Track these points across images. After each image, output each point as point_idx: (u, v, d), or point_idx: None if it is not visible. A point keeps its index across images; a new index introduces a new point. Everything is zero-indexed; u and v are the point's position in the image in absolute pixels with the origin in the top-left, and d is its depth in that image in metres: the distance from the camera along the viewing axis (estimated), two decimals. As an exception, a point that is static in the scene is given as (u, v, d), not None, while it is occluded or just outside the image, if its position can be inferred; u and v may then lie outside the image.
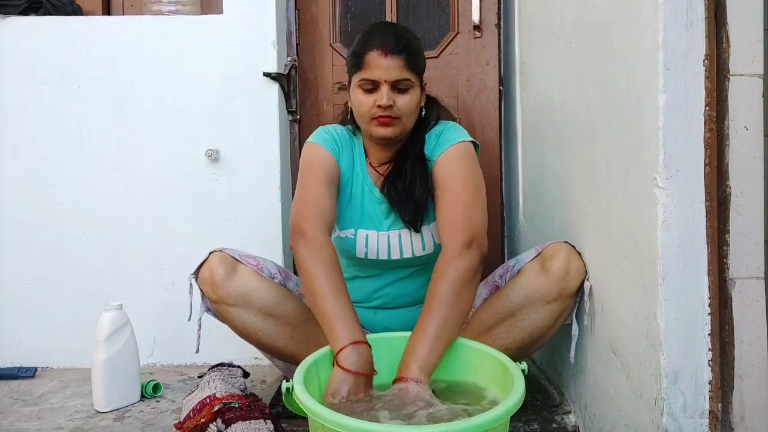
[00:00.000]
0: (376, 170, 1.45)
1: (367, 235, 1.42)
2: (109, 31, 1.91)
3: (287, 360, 1.40)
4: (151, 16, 1.96)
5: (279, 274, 1.45)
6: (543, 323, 1.29)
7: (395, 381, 1.10)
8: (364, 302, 1.48)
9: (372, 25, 1.40)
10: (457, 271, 1.19)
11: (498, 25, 2.11)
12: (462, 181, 1.31)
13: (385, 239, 1.42)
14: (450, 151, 1.36)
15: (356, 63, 1.34)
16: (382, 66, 1.30)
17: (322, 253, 1.22)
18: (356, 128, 1.46)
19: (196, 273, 1.38)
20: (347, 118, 1.46)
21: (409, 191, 1.38)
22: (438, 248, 1.42)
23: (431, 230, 1.42)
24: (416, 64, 1.35)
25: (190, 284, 1.40)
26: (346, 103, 1.45)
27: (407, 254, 1.43)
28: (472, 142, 1.40)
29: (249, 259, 1.39)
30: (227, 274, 1.33)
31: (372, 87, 1.32)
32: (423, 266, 1.47)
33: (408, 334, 1.18)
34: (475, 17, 2.08)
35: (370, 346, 1.13)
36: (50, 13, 1.93)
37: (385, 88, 1.31)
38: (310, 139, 1.43)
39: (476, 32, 2.11)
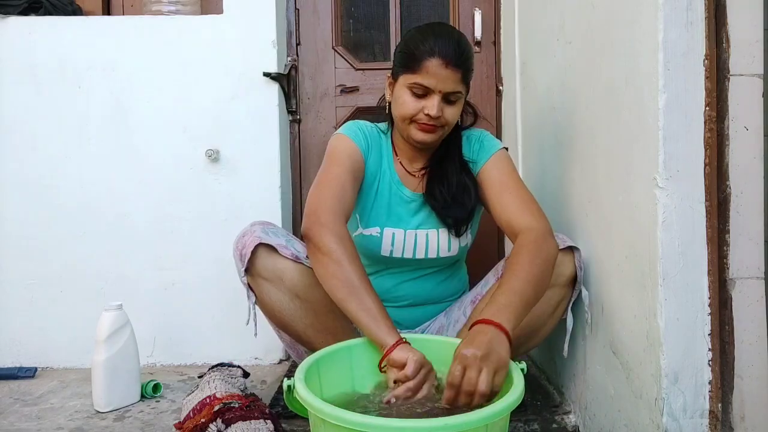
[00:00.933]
0: (407, 170, 1.45)
1: (393, 234, 1.42)
2: (109, 31, 1.91)
3: (303, 345, 1.40)
4: (151, 16, 1.96)
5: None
6: (541, 310, 1.29)
7: (472, 325, 1.06)
8: None
9: (433, 25, 1.35)
10: (547, 252, 1.20)
11: (495, 42, 2.16)
12: (521, 182, 1.38)
13: (412, 238, 1.43)
14: (500, 155, 1.41)
15: (410, 64, 1.30)
16: (440, 76, 1.27)
17: (348, 245, 1.19)
18: (389, 126, 1.47)
19: (239, 242, 1.36)
20: (384, 112, 1.44)
21: (457, 197, 1.39)
22: (462, 251, 1.47)
23: (467, 234, 1.45)
24: (468, 79, 1.35)
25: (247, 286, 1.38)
26: (381, 98, 1.45)
27: (432, 254, 1.43)
28: (505, 147, 1.46)
29: (283, 247, 1.35)
30: (269, 249, 1.32)
31: (423, 93, 1.30)
32: (442, 267, 1.49)
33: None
34: (477, 34, 2.14)
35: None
36: (50, 13, 1.93)
37: (436, 98, 1.29)
38: (339, 131, 1.42)
39: (476, 47, 2.15)
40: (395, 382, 1.06)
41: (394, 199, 1.44)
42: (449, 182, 1.40)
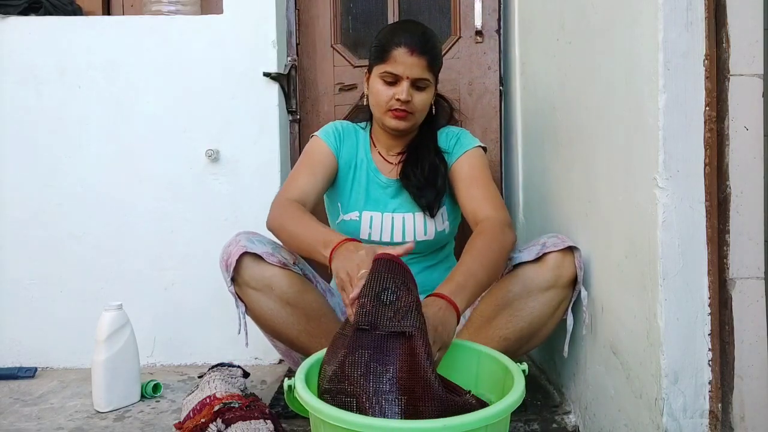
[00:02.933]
0: (384, 159, 1.55)
1: (371, 216, 1.51)
2: (109, 31, 1.91)
3: (298, 351, 1.42)
4: (151, 16, 1.96)
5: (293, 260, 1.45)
6: (542, 311, 1.31)
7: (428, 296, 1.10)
8: None
9: (401, 21, 1.54)
10: (502, 240, 1.26)
11: (498, 31, 2.12)
12: (490, 179, 1.46)
13: (389, 220, 1.50)
14: (475, 152, 1.49)
15: (381, 55, 1.42)
16: (407, 63, 1.39)
17: (291, 204, 1.33)
18: (367, 123, 1.58)
19: (225, 252, 1.38)
20: (361, 113, 1.59)
21: (430, 178, 1.47)
22: (438, 235, 1.52)
23: (441, 216, 1.51)
24: (436, 66, 1.45)
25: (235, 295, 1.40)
26: (356, 104, 1.55)
27: (409, 237, 1.50)
28: (483, 147, 1.54)
29: (269, 255, 1.38)
30: (255, 258, 1.35)
31: (393, 80, 1.41)
32: (425, 253, 1.53)
33: None
34: (477, 22, 2.11)
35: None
36: (50, 13, 1.93)
37: (405, 84, 1.40)
38: (315, 132, 1.55)
39: (478, 37, 2.13)
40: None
41: (372, 185, 1.53)
42: (422, 165, 1.49)
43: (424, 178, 1.48)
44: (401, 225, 1.51)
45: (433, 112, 1.52)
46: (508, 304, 1.32)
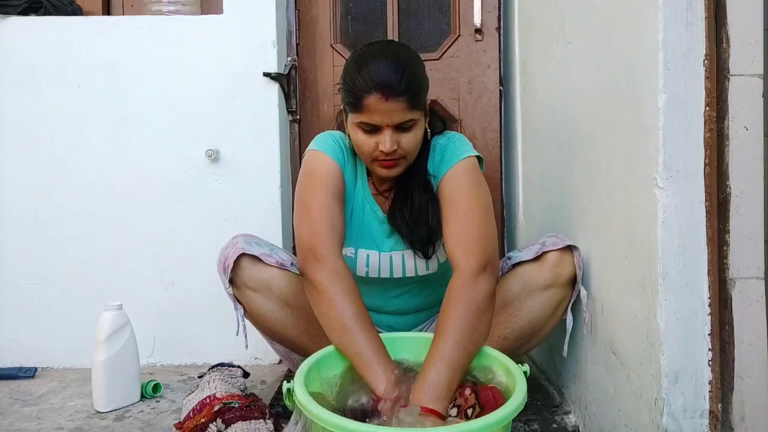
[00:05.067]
0: (378, 190, 1.39)
1: (368, 255, 1.38)
2: (109, 31, 1.91)
3: (298, 352, 1.41)
4: (151, 16, 1.96)
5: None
6: (541, 311, 1.31)
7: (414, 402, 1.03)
8: (369, 309, 1.47)
9: (367, 54, 1.23)
10: (473, 298, 1.10)
11: (498, 29, 2.12)
12: (473, 200, 1.23)
13: (387, 260, 1.38)
14: (458, 168, 1.28)
15: (353, 104, 1.22)
16: (383, 110, 1.18)
17: (344, 282, 1.15)
18: None
19: (222, 254, 1.37)
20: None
21: (419, 218, 1.31)
22: (442, 266, 1.41)
23: (442, 248, 1.34)
24: (419, 101, 1.23)
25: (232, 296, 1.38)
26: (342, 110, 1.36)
27: (410, 273, 1.40)
28: (477, 156, 1.33)
29: (267, 256, 1.37)
30: (253, 259, 1.33)
31: (373, 129, 1.22)
32: (429, 280, 1.44)
33: (421, 335, 1.19)
34: (477, 20, 2.10)
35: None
36: (50, 13, 1.93)
37: (388, 133, 1.21)
38: (314, 146, 1.33)
39: (477, 35, 2.12)
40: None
41: (368, 218, 1.38)
42: (412, 203, 1.32)
43: (413, 219, 1.32)
44: (401, 263, 1.39)
45: (428, 136, 1.32)
46: (507, 303, 1.32)
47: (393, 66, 1.19)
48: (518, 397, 0.95)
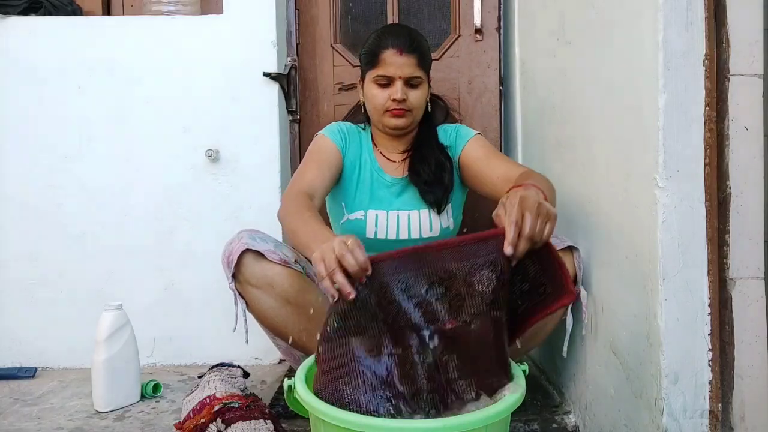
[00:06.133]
0: (387, 158, 1.56)
1: (377, 215, 1.51)
2: (109, 31, 1.91)
3: (299, 350, 1.41)
4: (151, 16, 1.96)
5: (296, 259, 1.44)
6: None
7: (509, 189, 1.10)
8: None
9: (386, 26, 1.57)
10: (549, 181, 1.28)
11: (498, 29, 2.12)
12: (507, 157, 1.54)
13: (394, 218, 1.52)
14: (479, 139, 1.54)
15: (371, 60, 1.46)
16: (397, 63, 1.43)
17: (299, 196, 1.31)
18: (366, 124, 1.60)
19: (227, 248, 1.38)
20: (360, 113, 1.59)
21: (437, 175, 1.50)
22: (443, 232, 1.53)
23: (446, 213, 1.53)
24: (426, 63, 1.49)
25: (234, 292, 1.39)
26: (357, 102, 1.58)
27: (414, 234, 1.51)
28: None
29: (271, 252, 1.38)
30: (256, 255, 1.35)
31: (387, 82, 1.46)
32: None
33: None
34: (477, 20, 2.10)
35: None
36: (50, 13, 1.93)
37: (399, 84, 1.44)
38: (320, 132, 1.55)
39: (477, 35, 2.12)
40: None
41: (376, 184, 1.54)
42: (429, 162, 1.52)
43: (432, 174, 1.50)
44: (407, 222, 1.51)
45: (429, 109, 1.55)
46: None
47: (407, 32, 1.50)
48: (517, 392, 0.95)
